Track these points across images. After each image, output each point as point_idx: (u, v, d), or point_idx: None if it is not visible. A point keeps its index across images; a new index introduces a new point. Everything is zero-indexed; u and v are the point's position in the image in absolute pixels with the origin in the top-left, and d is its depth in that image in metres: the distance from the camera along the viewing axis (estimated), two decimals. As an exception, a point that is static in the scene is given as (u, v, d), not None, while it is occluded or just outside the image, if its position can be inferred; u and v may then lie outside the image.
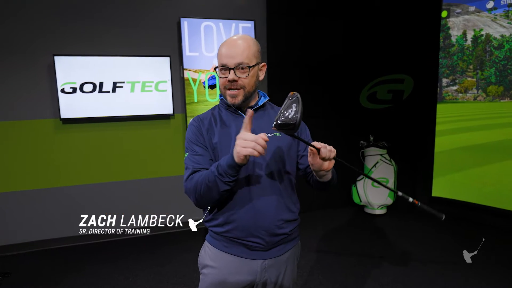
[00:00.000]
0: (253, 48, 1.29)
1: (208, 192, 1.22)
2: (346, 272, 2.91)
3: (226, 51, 1.26)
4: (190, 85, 3.67)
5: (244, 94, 1.29)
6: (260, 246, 1.31)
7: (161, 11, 3.56)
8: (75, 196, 3.53)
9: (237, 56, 1.25)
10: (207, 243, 1.44)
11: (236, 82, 1.27)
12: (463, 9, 3.73)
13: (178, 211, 3.85)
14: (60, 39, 3.31)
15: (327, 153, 1.15)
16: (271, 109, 1.44)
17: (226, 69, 1.27)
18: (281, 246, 1.36)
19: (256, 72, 1.32)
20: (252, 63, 1.27)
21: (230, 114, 1.36)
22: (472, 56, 3.73)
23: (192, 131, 1.37)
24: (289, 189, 1.38)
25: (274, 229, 1.31)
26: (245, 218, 1.29)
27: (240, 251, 1.34)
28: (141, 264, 3.14)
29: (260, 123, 1.34)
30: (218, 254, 1.37)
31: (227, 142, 1.31)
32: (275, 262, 1.36)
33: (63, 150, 3.45)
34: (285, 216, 1.34)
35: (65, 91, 3.30)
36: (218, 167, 1.19)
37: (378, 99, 4.35)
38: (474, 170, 3.83)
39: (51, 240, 3.51)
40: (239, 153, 1.11)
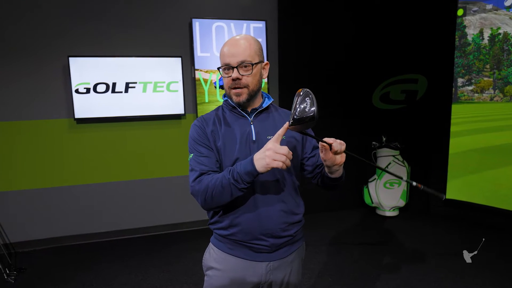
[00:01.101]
0: (255, 46, 1.29)
1: (219, 197, 1.21)
2: (356, 275, 2.88)
3: (228, 50, 1.26)
4: (201, 85, 3.70)
5: (248, 92, 1.29)
6: (265, 248, 1.31)
7: (173, 12, 3.59)
8: (87, 194, 3.60)
9: (239, 55, 1.24)
10: (212, 245, 1.44)
11: (240, 80, 1.26)
12: (480, 7, 3.64)
13: (188, 210, 3.90)
14: (75, 40, 3.38)
15: (338, 146, 1.15)
16: (275, 111, 1.43)
17: (230, 68, 1.26)
18: (286, 248, 1.36)
19: (259, 70, 1.32)
20: (254, 60, 1.27)
21: (234, 116, 1.36)
22: (489, 55, 3.63)
23: (196, 131, 1.35)
24: (293, 191, 1.37)
25: (279, 232, 1.30)
26: (249, 221, 1.29)
27: (245, 253, 1.34)
28: (152, 262, 3.18)
29: (265, 125, 1.34)
30: (222, 256, 1.37)
31: (231, 144, 1.30)
32: (280, 264, 1.36)
33: (77, 149, 3.52)
34: (289, 219, 1.33)
35: (79, 91, 3.36)
36: (233, 173, 1.18)
37: (391, 100, 4.28)
38: (490, 172, 3.73)
39: (65, 237, 3.59)
40: (268, 164, 1.11)
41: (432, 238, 3.52)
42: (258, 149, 1.28)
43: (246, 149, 1.29)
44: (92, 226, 3.65)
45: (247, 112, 1.35)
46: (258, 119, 1.35)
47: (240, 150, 1.29)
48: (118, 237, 3.73)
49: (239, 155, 1.29)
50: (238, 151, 1.29)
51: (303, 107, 1.08)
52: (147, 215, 3.79)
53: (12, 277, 2.92)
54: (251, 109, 1.35)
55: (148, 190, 3.76)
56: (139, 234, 3.80)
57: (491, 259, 3.03)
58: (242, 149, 1.29)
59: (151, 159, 3.73)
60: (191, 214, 3.92)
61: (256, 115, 1.35)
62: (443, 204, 4.12)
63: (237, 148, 1.29)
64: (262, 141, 1.30)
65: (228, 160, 1.30)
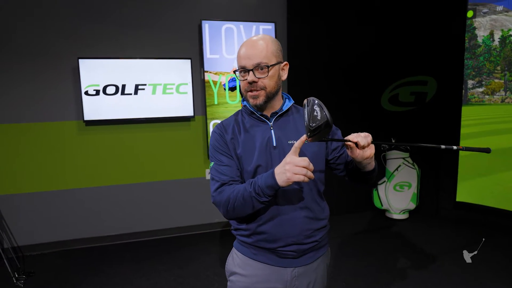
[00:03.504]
0: (272, 47, 1.25)
1: (241, 209, 1.20)
2: (370, 279, 2.84)
3: (244, 52, 1.23)
4: (210, 87, 3.68)
5: (265, 94, 1.25)
6: (290, 254, 1.28)
7: (182, 13, 3.58)
8: (96, 197, 3.57)
9: (255, 57, 1.21)
10: (235, 249, 1.41)
11: (256, 83, 1.23)
12: (490, 8, 3.63)
13: (198, 213, 3.87)
14: (84, 42, 3.36)
15: (364, 140, 1.13)
16: (297, 112, 1.37)
17: (246, 71, 1.23)
18: (311, 254, 1.33)
19: (277, 71, 1.27)
20: (271, 62, 1.23)
21: (253, 121, 1.32)
22: (499, 57, 3.62)
23: (216, 139, 1.32)
24: (317, 197, 1.33)
25: (303, 238, 1.27)
26: (273, 229, 1.26)
27: (269, 258, 1.30)
28: (163, 265, 3.15)
29: (286, 130, 1.30)
30: (246, 261, 1.34)
31: (251, 152, 1.27)
32: (306, 270, 1.32)
33: (86, 152, 3.50)
34: (314, 225, 1.30)
35: (88, 93, 3.34)
36: (255, 186, 1.16)
37: (400, 102, 4.26)
38: (500, 174, 3.70)
39: (74, 240, 3.56)
40: (289, 179, 1.08)
41: (445, 242, 3.49)
42: (279, 155, 1.25)
43: (266, 156, 1.26)
44: (101, 229, 3.62)
45: (266, 116, 1.31)
46: (278, 123, 1.31)
47: (260, 157, 1.26)
48: (128, 240, 3.69)
49: (259, 162, 1.26)
50: (258, 158, 1.26)
51: (314, 115, 1.05)
52: (156, 217, 3.76)
53: (22, 281, 2.89)
54: (271, 113, 1.31)
55: (157, 192, 3.73)
56: (149, 237, 3.76)
57: (507, 262, 3.00)
58: (262, 156, 1.26)
59: (161, 161, 3.70)
60: (201, 217, 3.89)
61: (277, 119, 1.31)
62: (453, 207, 4.09)
63: (257, 155, 1.26)
64: (283, 146, 1.27)
65: (249, 167, 1.26)
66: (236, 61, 1.32)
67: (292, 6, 3.87)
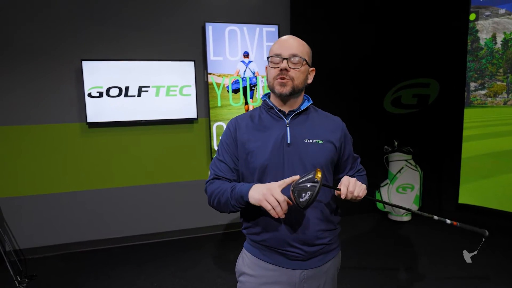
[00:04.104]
0: (307, 48, 1.31)
1: (219, 206, 1.27)
2: (373, 281, 2.84)
3: (282, 43, 1.28)
4: (214, 89, 3.67)
5: (292, 86, 1.27)
6: (299, 255, 1.27)
7: (186, 15, 3.58)
8: (99, 199, 3.55)
9: (293, 48, 1.25)
10: (245, 250, 1.40)
11: (287, 72, 1.25)
12: (493, 11, 3.64)
13: (201, 215, 3.85)
14: (88, 43, 3.35)
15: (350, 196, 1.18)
16: (315, 112, 1.39)
17: (279, 59, 1.26)
18: (321, 256, 1.32)
19: (307, 70, 1.32)
20: (305, 57, 1.28)
21: (270, 117, 1.33)
22: (502, 59, 3.63)
23: (227, 135, 1.36)
24: (329, 198, 1.33)
25: (313, 239, 1.27)
26: (282, 228, 1.26)
27: (278, 260, 1.30)
28: (166, 268, 3.13)
29: (302, 128, 1.31)
30: (256, 262, 1.34)
31: (264, 147, 1.27)
32: (315, 273, 1.31)
33: (89, 154, 3.48)
34: (324, 226, 1.29)
35: (92, 95, 3.33)
36: (234, 190, 1.21)
37: (403, 104, 4.27)
38: (503, 176, 3.71)
39: (77, 243, 3.53)
40: (260, 201, 1.11)
41: (448, 244, 3.49)
42: (293, 153, 1.26)
43: (279, 153, 1.26)
44: (104, 232, 3.60)
45: (284, 113, 1.32)
46: (295, 121, 1.32)
47: (272, 154, 1.26)
48: (130, 243, 3.67)
49: (268, 162, 1.26)
50: (270, 156, 1.26)
51: (303, 193, 1.07)
52: (159, 220, 3.75)
53: (24, 285, 2.87)
54: (288, 111, 1.32)
55: (160, 195, 3.72)
56: (153, 239, 3.74)
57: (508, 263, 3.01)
58: (274, 154, 1.26)
59: (164, 163, 3.69)
60: (204, 220, 3.87)
61: (294, 117, 1.32)
62: (455, 209, 4.10)
63: (270, 151, 1.26)
64: (299, 144, 1.27)
65: (258, 163, 1.27)
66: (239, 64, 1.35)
67: (295, 9, 3.87)
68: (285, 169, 1.25)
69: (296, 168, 1.25)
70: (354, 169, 1.46)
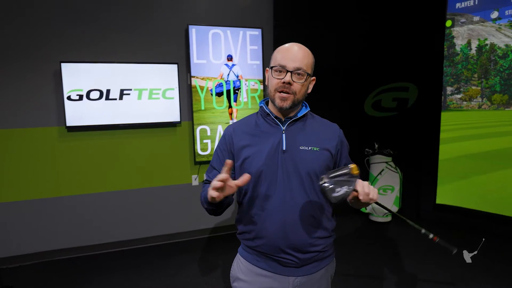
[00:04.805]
0: (311, 59, 1.31)
1: (204, 208, 1.31)
2: (358, 283, 2.89)
3: (287, 54, 1.26)
4: (197, 92, 3.64)
5: (293, 100, 1.27)
6: (293, 262, 1.28)
7: (169, 18, 3.53)
8: (79, 205, 3.45)
9: (298, 61, 1.24)
10: (239, 255, 1.41)
11: (290, 86, 1.25)
12: (468, 18, 3.79)
13: (186, 219, 3.81)
14: (67, 45, 3.25)
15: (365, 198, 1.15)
16: (312, 118, 1.40)
17: (283, 71, 1.25)
18: (315, 264, 1.33)
19: (308, 82, 1.32)
20: (308, 71, 1.28)
21: (267, 124, 1.34)
22: (476, 65, 3.78)
23: (222, 142, 1.38)
24: (326, 205, 1.34)
25: (306, 246, 1.28)
26: (275, 235, 1.26)
27: (271, 266, 1.31)
28: (152, 274, 3.07)
29: (298, 135, 1.31)
30: (250, 267, 1.34)
31: (259, 154, 1.28)
32: (308, 280, 1.32)
33: (68, 159, 3.37)
34: (318, 233, 1.30)
35: (71, 98, 3.23)
36: (205, 194, 1.25)
37: (383, 107, 4.37)
38: (478, 177, 3.86)
39: (55, 251, 3.41)
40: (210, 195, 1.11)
41: (426, 243, 3.59)
42: (287, 160, 1.26)
43: (273, 160, 1.27)
44: (85, 239, 3.49)
45: (280, 120, 1.32)
46: (292, 128, 1.32)
47: (266, 160, 1.27)
48: (113, 249, 3.58)
49: (263, 168, 1.27)
50: (264, 163, 1.27)
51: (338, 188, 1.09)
52: (142, 225, 3.68)
53: (0, 296, 2.75)
54: (285, 118, 1.32)
55: (143, 200, 3.65)
56: (136, 245, 3.67)
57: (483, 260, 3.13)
58: (269, 160, 1.27)
59: (146, 167, 3.62)
60: (189, 224, 3.83)
61: (290, 123, 1.32)
62: (433, 209, 4.22)
63: (264, 157, 1.27)
64: (294, 151, 1.28)
65: (254, 170, 1.27)
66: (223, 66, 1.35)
67: (278, 13, 3.90)
68: (279, 176, 1.26)
69: (290, 175, 1.26)
70: None
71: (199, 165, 3.77)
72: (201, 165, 3.79)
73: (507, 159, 3.64)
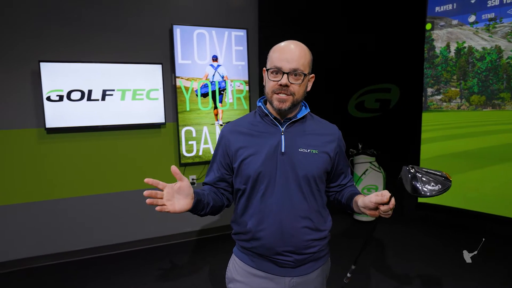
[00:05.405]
0: (309, 57, 1.27)
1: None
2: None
3: (282, 54, 1.22)
4: (182, 93, 3.59)
5: (292, 101, 1.24)
6: (289, 263, 1.28)
7: (153, 17, 3.47)
8: (59, 210, 3.33)
9: (294, 62, 1.20)
10: (235, 256, 1.39)
11: (288, 88, 1.22)
12: (447, 22, 3.90)
13: (170, 223, 3.74)
14: (47, 44, 3.14)
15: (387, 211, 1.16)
16: (311, 119, 1.39)
17: (279, 73, 1.21)
18: (310, 264, 1.32)
19: (307, 81, 1.29)
20: (306, 71, 1.24)
21: (265, 124, 1.32)
22: (455, 67, 3.90)
23: (218, 143, 1.37)
24: (321, 207, 1.34)
25: (302, 248, 1.27)
26: (271, 236, 1.26)
27: (267, 267, 1.30)
28: (140, 279, 3.00)
29: (297, 137, 1.30)
30: (245, 268, 1.33)
31: (257, 156, 1.26)
32: (304, 281, 1.32)
33: (48, 162, 3.25)
34: (314, 235, 1.30)
35: (51, 99, 3.12)
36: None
37: (366, 108, 4.45)
38: (458, 176, 3.97)
39: (35, 257, 3.27)
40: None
41: (410, 241, 3.67)
42: (286, 162, 1.25)
43: (272, 162, 1.25)
44: (66, 245, 3.37)
45: (279, 121, 1.30)
46: (291, 129, 1.30)
47: (264, 162, 1.25)
48: (95, 254, 3.47)
49: (262, 169, 1.25)
50: (263, 164, 1.25)
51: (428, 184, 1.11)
52: (127, 229, 3.58)
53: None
54: (284, 119, 1.30)
55: (128, 203, 3.56)
56: (120, 250, 3.57)
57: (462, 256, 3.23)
58: (267, 162, 1.25)
59: (130, 170, 3.54)
60: (175, 227, 3.77)
61: (290, 125, 1.30)
62: (415, 208, 4.32)
63: (262, 160, 1.25)
64: (293, 153, 1.26)
65: (252, 172, 1.26)
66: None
67: (264, 14, 3.90)
68: (277, 177, 1.25)
69: (288, 177, 1.25)
70: (347, 177, 1.47)
71: (184, 166, 3.72)
72: (186, 167, 3.73)
73: (485, 157, 3.77)
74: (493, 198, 3.68)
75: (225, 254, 1.57)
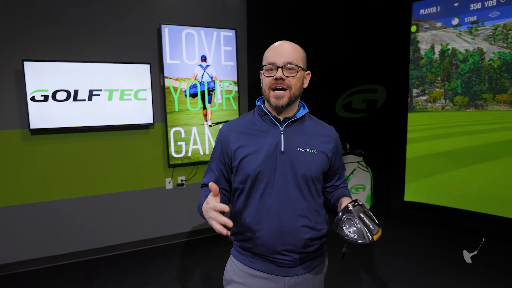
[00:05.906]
0: (301, 53, 1.30)
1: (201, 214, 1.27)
2: (332, 283, 2.94)
3: (275, 51, 1.25)
4: (171, 93, 3.55)
5: (289, 96, 1.26)
6: (288, 262, 1.28)
7: (141, 16, 3.43)
8: (44, 213, 3.24)
9: (286, 56, 1.24)
10: (233, 257, 1.38)
11: (283, 81, 1.24)
12: (431, 24, 3.99)
13: (159, 224, 3.70)
14: (31, 43, 3.05)
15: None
16: (310, 120, 1.40)
17: (273, 68, 1.24)
18: (308, 263, 1.33)
19: (303, 76, 1.32)
20: (300, 64, 1.27)
21: (264, 124, 1.32)
22: (440, 68, 3.99)
23: (217, 142, 1.37)
24: (318, 206, 1.35)
25: (301, 248, 1.28)
26: (270, 236, 1.26)
27: (266, 266, 1.29)
28: (127, 282, 2.94)
29: (296, 136, 1.31)
30: (244, 269, 1.33)
31: (257, 155, 1.26)
32: (303, 279, 1.32)
33: (32, 164, 3.16)
34: (313, 234, 1.31)
35: (35, 99, 3.03)
36: (199, 205, 1.26)
37: (354, 108, 4.50)
38: (443, 175, 4.07)
39: (17, 263, 3.17)
40: (209, 222, 1.11)
41: (396, 238, 3.73)
42: (285, 161, 1.26)
43: (271, 161, 1.26)
44: (52, 248, 3.28)
45: (278, 120, 1.31)
46: (290, 129, 1.31)
47: (264, 162, 1.25)
48: (82, 258, 3.39)
49: (261, 168, 1.25)
50: (262, 163, 1.25)
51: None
52: (115, 232, 3.52)
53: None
54: (283, 118, 1.31)
55: (115, 205, 3.49)
56: (108, 253, 3.50)
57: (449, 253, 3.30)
58: (266, 161, 1.25)
59: (118, 171, 3.47)
60: (164, 229, 3.72)
61: (289, 124, 1.31)
62: (402, 206, 4.40)
63: (262, 159, 1.25)
64: (292, 152, 1.27)
65: (252, 171, 1.26)
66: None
67: (252, 14, 3.90)
68: (277, 176, 1.25)
69: (287, 176, 1.26)
70: (341, 178, 1.49)
71: (173, 168, 3.68)
72: (175, 168, 3.69)
73: (469, 156, 3.87)
74: (477, 196, 3.79)
75: (222, 254, 1.56)
